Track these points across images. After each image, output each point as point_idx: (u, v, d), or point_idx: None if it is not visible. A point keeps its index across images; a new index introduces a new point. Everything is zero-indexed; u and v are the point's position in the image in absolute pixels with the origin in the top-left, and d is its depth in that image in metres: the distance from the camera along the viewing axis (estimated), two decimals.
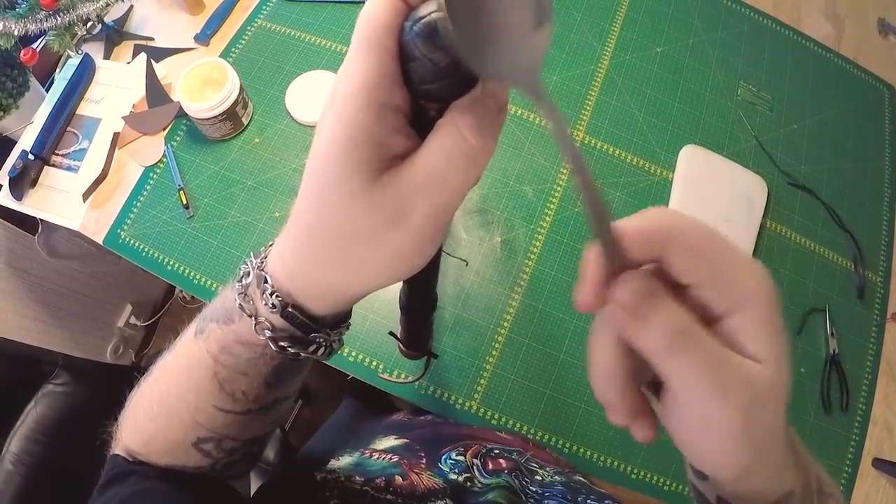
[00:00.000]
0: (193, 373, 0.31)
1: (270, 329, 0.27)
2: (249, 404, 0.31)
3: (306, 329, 0.28)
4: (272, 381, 0.31)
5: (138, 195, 0.78)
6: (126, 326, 1.33)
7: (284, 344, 0.28)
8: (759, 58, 0.90)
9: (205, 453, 0.33)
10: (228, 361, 0.29)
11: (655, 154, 0.81)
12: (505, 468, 0.46)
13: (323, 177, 0.23)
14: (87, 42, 0.88)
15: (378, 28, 0.21)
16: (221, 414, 0.31)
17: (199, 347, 0.30)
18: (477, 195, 0.77)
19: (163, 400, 0.33)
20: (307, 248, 0.25)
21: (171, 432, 0.33)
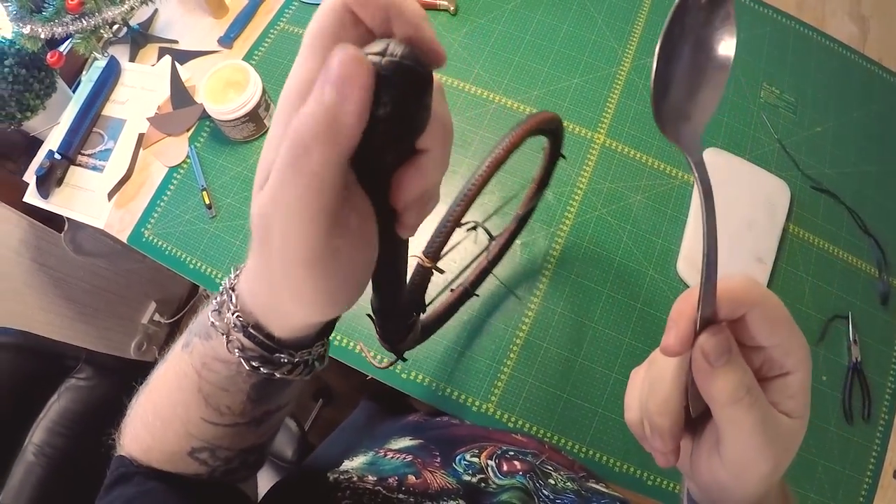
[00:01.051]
0: (181, 386, 0.31)
1: (240, 348, 0.28)
2: (236, 418, 0.32)
3: (269, 349, 0.28)
4: (255, 396, 0.31)
5: (162, 195, 0.80)
6: (150, 323, 1.35)
7: (255, 363, 0.28)
8: (783, 59, 0.89)
9: (201, 462, 0.34)
10: (210, 377, 0.30)
11: (677, 157, 0.80)
12: (520, 470, 0.46)
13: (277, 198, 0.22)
14: (112, 45, 0.90)
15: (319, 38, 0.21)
16: (210, 426, 0.32)
17: (185, 361, 0.31)
18: (497, 198, 0.77)
19: (157, 411, 0.33)
20: (254, 264, 0.26)
21: (166, 443, 0.33)
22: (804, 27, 0.92)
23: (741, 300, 0.24)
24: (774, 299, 0.25)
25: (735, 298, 0.24)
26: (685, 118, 0.25)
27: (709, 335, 0.24)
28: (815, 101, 0.87)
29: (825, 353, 0.75)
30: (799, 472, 0.69)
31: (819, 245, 0.80)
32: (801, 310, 0.76)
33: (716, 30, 0.25)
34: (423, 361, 0.70)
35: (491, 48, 0.86)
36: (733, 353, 0.24)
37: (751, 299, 0.24)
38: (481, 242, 0.56)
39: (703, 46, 0.25)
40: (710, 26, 0.25)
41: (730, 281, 0.25)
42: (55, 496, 0.82)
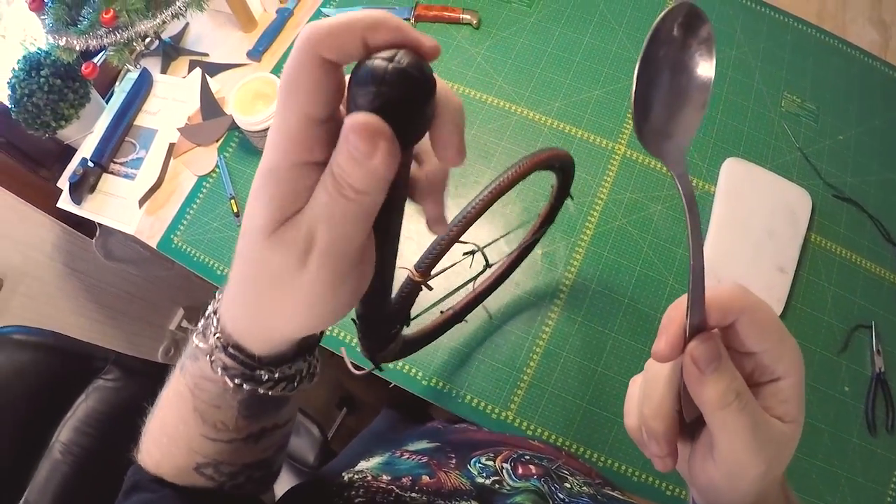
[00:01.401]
0: (180, 404, 0.32)
1: (223, 367, 0.29)
2: (232, 434, 0.33)
3: (249, 367, 0.29)
4: (246, 413, 0.32)
5: (191, 203, 0.82)
6: (177, 329, 1.37)
7: (238, 381, 0.29)
8: (803, 68, 0.89)
9: (207, 477, 0.34)
10: (202, 395, 0.31)
11: (697, 167, 0.81)
12: (535, 473, 0.46)
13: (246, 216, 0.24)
14: (145, 57, 0.93)
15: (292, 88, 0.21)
16: (210, 442, 0.33)
17: (181, 382, 0.32)
18: (519, 208, 0.78)
19: (163, 429, 0.34)
20: (236, 292, 0.27)
21: (174, 458, 0.34)
22: (825, 35, 0.92)
23: (730, 308, 0.25)
24: (764, 306, 0.26)
25: (724, 306, 0.25)
26: (667, 136, 0.26)
27: (698, 342, 0.25)
28: (836, 109, 0.87)
29: (848, 363, 0.75)
30: (821, 484, 0.69)
31: (841, 254, 0.79)
32: (824, 319, 0.75)
33: (693, 53, 0.26)
34: (443, 369, 0.71)
35: (513, 61, 0.87)
36: (723, 359, 0.25)
37: (739, 307, 0.25)
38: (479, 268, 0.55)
39: (682, 69, 0.26)
40: (687, 50, 0.26)
41: (720, 289, 0.26)
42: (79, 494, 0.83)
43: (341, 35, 0.20)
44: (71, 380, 0.88)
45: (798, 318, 0.74)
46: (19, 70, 0.88)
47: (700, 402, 0.25)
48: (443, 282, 0.71)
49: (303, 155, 0.22)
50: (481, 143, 0.82)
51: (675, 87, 0.26)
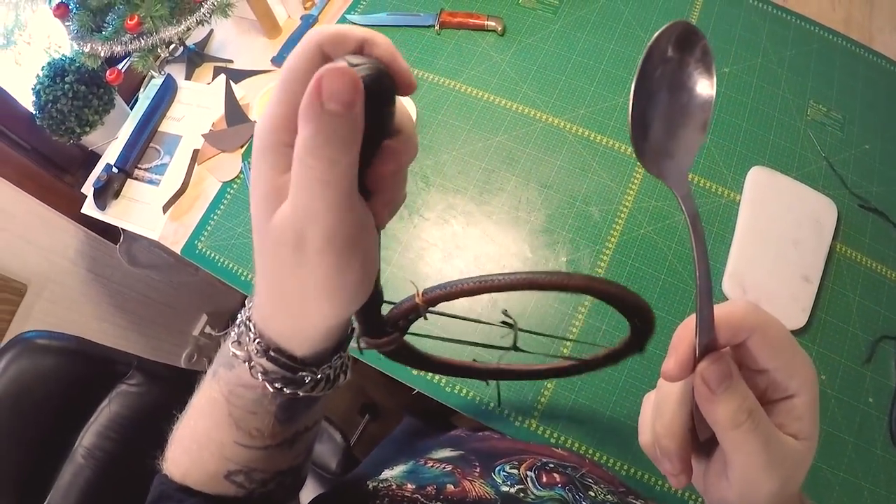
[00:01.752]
0: (213, 412, 0.32)
1: (263, 373, 0.29)
2: (267, 440, 0.33)
3: (292, 370, 0.29)
4: (283, 417, 0.32)
5: (216, 209, 0.82)
6: (201, 335, 1.38)
7: (279, 385, 0.29)
8: (830, 77, 0.88)
9: (237, 485, 0.34)
10: (238, 402, 0.31)
11: (723, 176, 0.80)
12: (559, 482, 0.46)
13: (253, 216, 0.25)
14: (169, 63, 0.93)
15: (293, 75, 0.23)
16: (243, 449, 0.33)
17: (215, 389, 0.32)
18: (543, 216, 0.78)
19: (194, 436, 0.34)
20: (262, 292, 0.27)
21: (203, 465, 0.34)
22: (851, 44, 0.92)
23: (740, 326, 0.25)
24: (775, 323, 0.26)
25: (734, 325, 0.25)
26: (668, 156, 0.26)
27: (708, 362, 0.25)
28: (862, 119, 0.86)
29: (872, 374, 0.74)
30: (844, 496, 0.68)
31: (867, 264, 0.79)
32: (849, 330, 0.75)
33: (692, 71, 0.25)
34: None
35: (538, 68, 0.87)
36: (734, 378, 0.25)
37: (749, 325, 0.25)
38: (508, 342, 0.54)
39: (681, 87, 0.25)
40: (685, 68, 0.25)
41: (729, 307, 0.25)
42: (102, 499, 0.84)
43: (345, 39, 0.23)
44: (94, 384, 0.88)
45: (823, 329, 0.74)
46: (44, 76, 0.88)
47: (712, 422, 0.25)
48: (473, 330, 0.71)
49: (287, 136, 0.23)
50: (506, 149, 0.82)
51: (675, 107, 0.25)
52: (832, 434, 0.70)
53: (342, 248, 0.24)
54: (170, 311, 1.27)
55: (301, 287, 0.25)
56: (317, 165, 0.21)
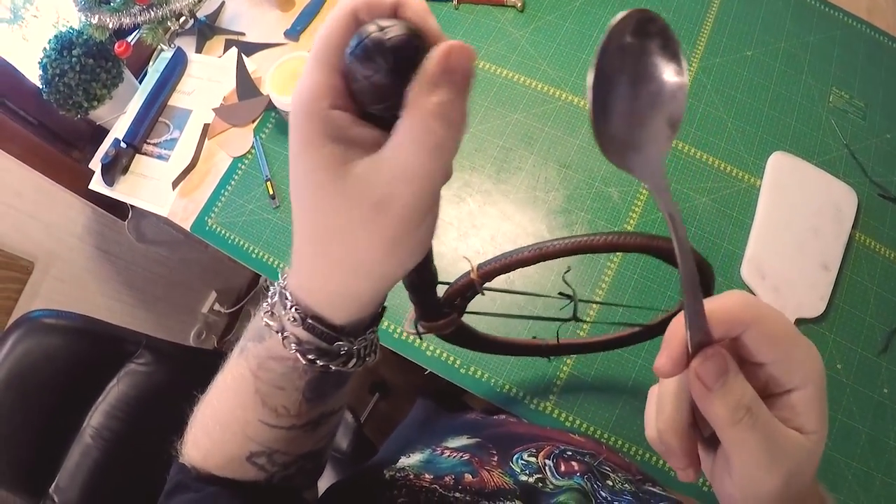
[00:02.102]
0: (238, 389, 0.32)
1: (297, 343, 0.29)
2: (293, 419, 0.32)
3: (329, 339, 0.29)
4: (310, 395, 0.32)
5: (226, 184, 0.81)
6: (210, 313, 1.37)
7: (312, 357, 0.29)
8: (853, 64, 0.87)
9: (259, 467, 0.34)
10: (266, 377, 0.31)
11: (743, 160, 0.79)
12: (577, 471, 0.45)
13: (299, 182, 0.25)
14: (179, 36, 0.92)
15: (328, 42, 0.23)
16: (268, 428, 0.32)
17: (242, 365, 0.32)
18: (561, 196, 0.77)
19: (216, 416, 0.34)
20: (309, 256, 0.27)
21: (225, 447, 0.34)
22: (875, 31, 0.90)
23: (735, 320, 0.24)
24: (773, 315, 0.24)
25: (728, 319, 0.24)
26: (633, 148, 0.24)
27: (702, 359, 0.24)
28: (885, 107, 0.85)
29: (887, 364, 0.73)
30: (857, 485, 0.68)
31: (885, 254, 0.78)
32: (865, 319, 0.74)
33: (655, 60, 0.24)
34: (483, 358, 0.70)
35: (558, 45, 0.86)
36: (730, 374, 0.24)
37: (745, 319, 0.24)
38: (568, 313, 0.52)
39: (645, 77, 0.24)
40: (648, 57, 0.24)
41: (724, 300, 0.24)
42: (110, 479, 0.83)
43: (379, 4, 0.23)
44: (102, 364, 0.88)
45: (840, 318, 0.73)
46: (51, 50, 0.86)
47: (710, 419, 0.24)
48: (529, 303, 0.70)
49: (337, 100, 0.23)
50: (524, 127, 0.81)
51: (640, 97, 0.24)
52: (846, 423, 0.69)
53: (428, 208, 0.25)
54: (178, 289, 1.26)
55: (367, 244, 0.25)
56: (440, 131, 0.22)
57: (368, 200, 0.23)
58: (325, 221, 0.25)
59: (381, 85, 0.22)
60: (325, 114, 0.23)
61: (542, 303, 0.70)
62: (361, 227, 0.24)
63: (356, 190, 0.23)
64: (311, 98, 0.23)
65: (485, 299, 0.43)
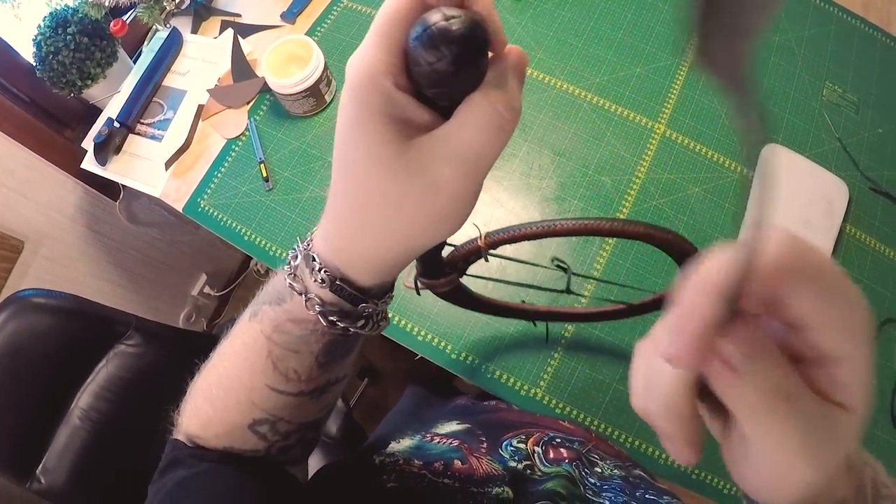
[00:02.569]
0: (249, 354, 0.32)
1: (320, 304, 0.29)
2: (302, 385, 0.33)
3: (355, 300, 0.30)
4: (323, 359, 0.32)
5: (219, 166, 0.81)
6: (200, 295, 1.37)
7: (334, 318, 0.29)
8: (846, 58, 0.88)
9: (260, 436, 0.34)
10: (281, 340, 0.31)
11: (737, 151, 0.80)
12: (566, 457, 0.45)
13: (353, 153, 0.26)
14: (175, 16, 0.91)
15: (392, 20, 0.24)
16: (276, 394, 0.33)
17: (254, 329, 0.32)
18: (555, 183, 0.77)
19: (221, 382, 0.34)
20: (350, 221, 0.27)
21: (228, 414, 0.34)
22: (869, 27, 0.91)
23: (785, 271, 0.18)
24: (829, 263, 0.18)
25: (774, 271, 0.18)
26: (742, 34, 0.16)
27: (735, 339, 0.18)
28: (878, 102, 0.86)
29: (876, 356, 0.74)
30: None
31: (875, 247, 0.78)
32: None
33: None
34: (473, 343, 0.71)
35: (554, 33, 0.86)
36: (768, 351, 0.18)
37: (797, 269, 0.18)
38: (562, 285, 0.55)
39: None
40: None
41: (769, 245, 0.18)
42: (98, 460, 0.83)
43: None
44: (91, 344, 0.87)
45: None
46: (45, 27, 0.86)
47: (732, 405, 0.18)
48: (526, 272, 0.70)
49: (392, 81, 0.24)
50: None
51: None
52: None
53: (479, 186, 0.26)
54: (168, 270, 1.25)
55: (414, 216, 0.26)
56: (506, 114, 0.24)
57: (426, 176, 0.25)
58: (375, 192, 0.26)
59: (442, 72, 0.23)
60: (389, 91, 0.24)
61: (539, 273, 0.72)
62: (413, 200, 0.25)
63: (415, 165, 0.24)
64: (376, 73, 0.24)
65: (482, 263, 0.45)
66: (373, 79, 0.24)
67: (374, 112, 0.24)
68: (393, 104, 0.24)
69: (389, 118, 0.24)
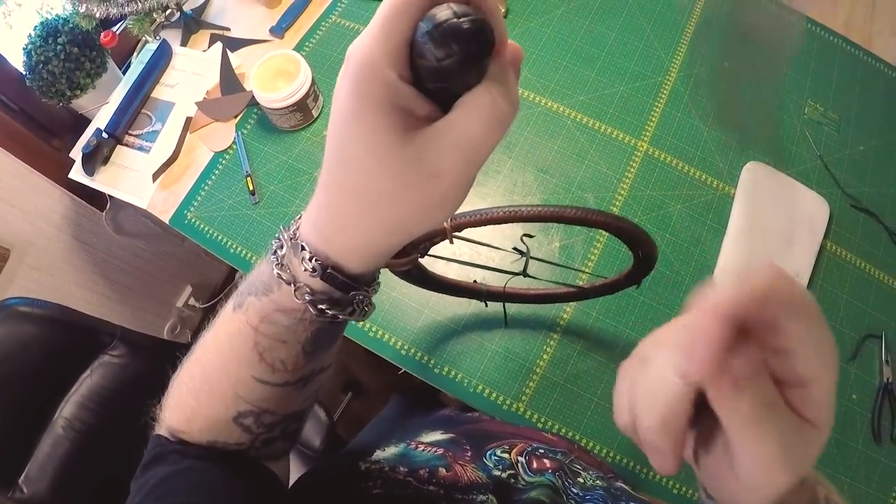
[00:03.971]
0: (234, 345, 0.32)
1: (310, 293, 0.29)
2: (288, 375, 0.33)
3: (346, 288, 0.30)
4: (310, 348, 0.32)
5: (206, 179, 0.81)
6: (185, 307, 1.36)
7: (323, 306, 0.29)
8: (828, 77, 0.89)
9: (244, 428, 0.34)
10: (268, 330, 0.31)
11: (718, 169, 0.81)
12: (549, 468, 0.46)
13: (352, 143, 0.25)
14: (165, 28, 0.92)
15: (399, 11, 0.24)
16: (261, 385, 0.32)
17: (240, 320, 0.31)
18: (538, 200, 0.78)
19: (205, 374, 0.34)
20: (346, 210, 0.27)
21: (212, 407, 0.34)
22: (851, 46, 0.92)
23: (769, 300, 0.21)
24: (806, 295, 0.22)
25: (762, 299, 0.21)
26: None
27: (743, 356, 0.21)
28: (859, 120, 0.87)
29: (856, 371, 0.75)
30: None
31: (856, 263, 0.79)
32: (835, 327, 0.75)
33: None
34: (456, 357, 0.71)
35: (539, 51, 0.87)
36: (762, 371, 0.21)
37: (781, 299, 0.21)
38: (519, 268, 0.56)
39: None
40: None
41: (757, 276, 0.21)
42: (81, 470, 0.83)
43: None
44: (76, 354, 0.87)
45: None
46: (36, 37, 0.86)
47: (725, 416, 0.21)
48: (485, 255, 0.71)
49: (402, 70, 0.24)
50: None
51: None
52: None
53: (477, 171, 0.27)
54: (154, 282, 1.25)
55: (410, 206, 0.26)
56: (505, 108, 0.25)
57: (426, 167, 0.25)
58: (373, 182, 0.26)
59: (448, 67, 0.23)
60: (393, 82, 0.24)
61: (499, 256, 0.73)
62: (411, 190, 0.26)
63: (417, 155, 0.25)
64: (380, 64, 0.24)
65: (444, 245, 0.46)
66: (376, 69, 0.24)
67: (377, 102, 0.24)
68: (396, 95, 0.24)
69: (392, 108, 0.24)
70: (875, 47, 0.93)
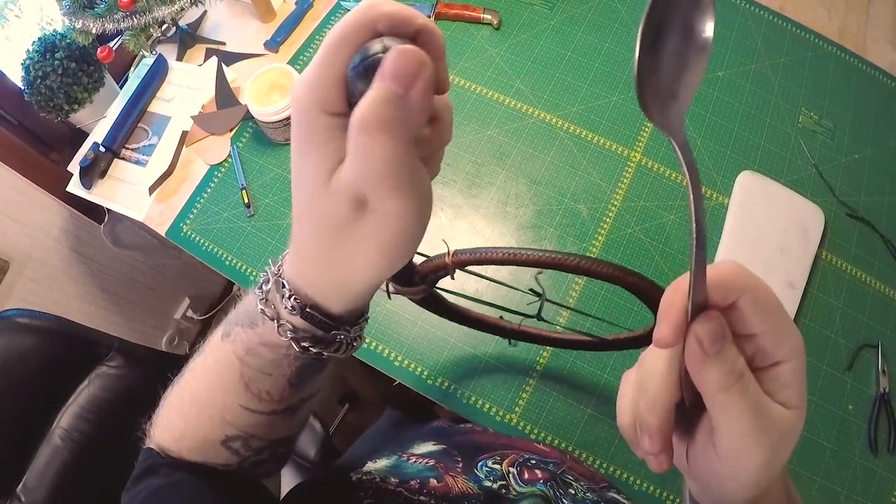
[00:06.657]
0: (221, 373, 0.32)
1: (292, 330, 0.29)
2: (274, 405, 0.32)
3: (326, 328, 0.29)
4: (295, 381, 0.32)
5: (202, 192, 0.82)
6: (182, 319, 1.37)
7: (306, 344, 0.29)
8: (822, 85, 0.89)
9: (233, 451, 0.34)
10: (253, 362, 0.31)
11: (712, 178, 0.81)
12: (541, 478, 0.46)
13: (302, 183, 0.26)
14: (161, 43, 0.92)
15: (337, 48, 0.24)
16: (248, 413, 0.32)
17: (227, 350, 0.32)
18: (531, 211, 0.78)
19: (194, 398, 0.34)
20: (311, 249, 0.27)
21: (200, 430, 0.34)
22: (845, 53, 0.92)
23: (732, 285, 0.24)
24: (764, 285, 0.25)
25: (726, 284, 0.24)
26: (672, 97, 0.25)
27: (703, 321, 0.24)
28: (853, 128, 0.87)
29: (853, 381, 0.75)
30: (821, 500, 0.69)
31: (851, 273, 0.79)
32: (831, 337, 0.75)
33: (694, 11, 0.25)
34: (449, 369, 0.71)
35: (532, 63, 0.87)
36: (727, 338, 0.24)
37: (742, 284, 0.24)
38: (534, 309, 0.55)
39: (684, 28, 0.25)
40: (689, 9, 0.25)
41: (719, 267, 0.24)
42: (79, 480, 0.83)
43: (405, 23, 0.24)
44: (74, 365, 0.88)
45: (806, 335, 0.74)
46: (34, 51, 0.87)
47: (701, 385, 0.24)
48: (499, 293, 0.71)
49: (337, 104, 0.24)
50: (496, 144, 0.82)
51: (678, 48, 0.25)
52: (811, 440, 0.70)
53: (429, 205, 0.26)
54: (152, 294, 1.26)
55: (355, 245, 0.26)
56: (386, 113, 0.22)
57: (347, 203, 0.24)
58: (321, 220, 0.26)
59: None
60: (324, 121, 0.24)
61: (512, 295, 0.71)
62: (349, 226, 0.25)
63: (338, 191, 0.24)
64: (311, 100, 0.24)
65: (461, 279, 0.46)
66: (309, 110, 0.24)
67: (317, 144, 0.24)
68: (327, 132, 0.24)
69: (323, 146, 0.24)
70: (870, 55, 0.93)
